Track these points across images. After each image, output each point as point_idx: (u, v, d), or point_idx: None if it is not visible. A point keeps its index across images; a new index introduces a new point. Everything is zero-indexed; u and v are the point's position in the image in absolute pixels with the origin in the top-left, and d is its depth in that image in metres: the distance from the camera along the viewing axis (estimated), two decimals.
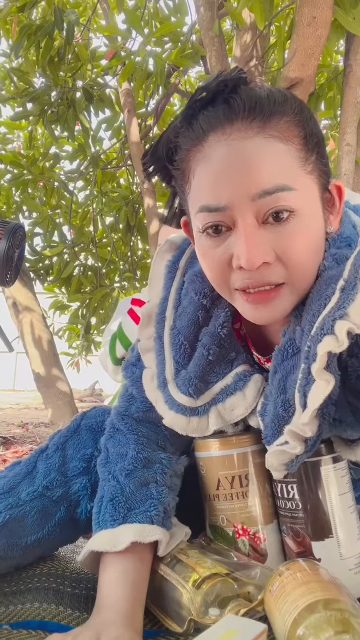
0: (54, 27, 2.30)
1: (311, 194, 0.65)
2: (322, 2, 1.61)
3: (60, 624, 0.69)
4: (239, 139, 0.62)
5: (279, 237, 0.62)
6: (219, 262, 0.66)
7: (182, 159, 0.68)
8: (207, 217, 0.64)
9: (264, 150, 0.62)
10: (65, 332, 3.66)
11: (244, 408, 0.75)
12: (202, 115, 0.65)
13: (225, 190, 0.62)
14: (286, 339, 0.70)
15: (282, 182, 0.61)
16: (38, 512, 0.81)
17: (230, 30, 3.15)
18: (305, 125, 0.65)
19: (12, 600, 0.75)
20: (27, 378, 3.45)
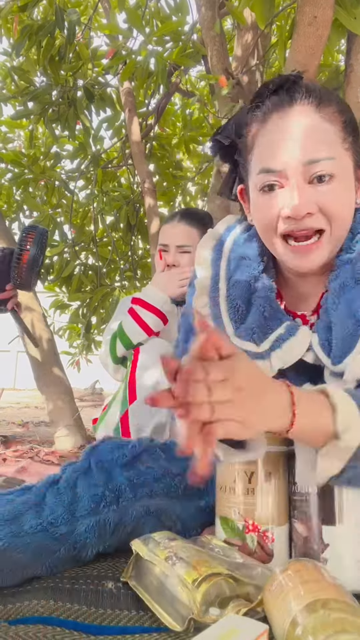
0: (55, 26, 2.30)
1: (347, 165, 0.84)
2: (323, 2, 1.61)
3: (60, 618, 0.69)
4: (296, 117, 0.83)
5: (322, 194, 0.81)
6: (270, 212, 0.84)
7: (249, 134, 0.89)
8: (265, 177, 0.84)
9: (315, 127, 0.82)
10: (65, 331, 3.66)
11: (299, 349, 0.89)
12: (268, 100, 0.86)
13: (282, 157, 0.82)
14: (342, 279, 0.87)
15: (327, 152, 0.81)
16: (38, 547, 0.80)
17: (231, 30, 3.15)
18: (345, 114, 0.86)
19: (11, 599, 0.75)
20: (28, 377, 3.46)
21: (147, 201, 2.63)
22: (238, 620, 0.56)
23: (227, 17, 2.77)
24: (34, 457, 2.63)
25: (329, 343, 0.87)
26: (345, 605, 0.56)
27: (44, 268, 3.17)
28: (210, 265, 1.01)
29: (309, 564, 0.65)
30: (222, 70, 2.12)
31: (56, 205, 3.34)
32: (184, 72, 2.73)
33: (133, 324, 1.64)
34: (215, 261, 1.01)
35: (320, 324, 0.89)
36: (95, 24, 2.97)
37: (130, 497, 0.87)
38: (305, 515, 0.78)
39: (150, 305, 1.64)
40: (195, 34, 2.43)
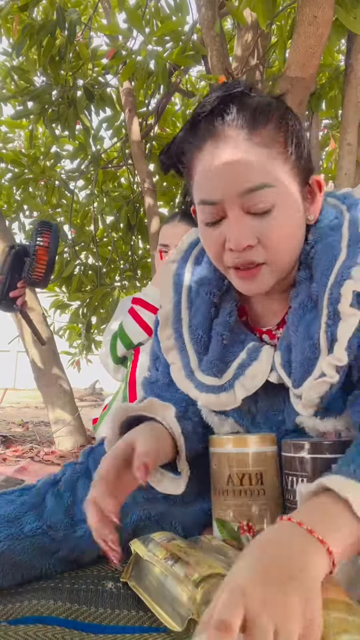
0: (56, 26, 2.30)
1: (290, 189, 0.79)
2: (324, 2, 1.61)
3: (60, 618, 0.69)
4: (229, 146, 0.77)
5: (261, 225, 0.78)
6: (215, 244, 0.82)
7: (188, 160, 0.84)
8: (205, 209, 0.81)
9: (249, 154, 0.76)
10: (65, 331, 3.66)
11: (262, 374, 0.87)
12: (203, 124, 0.80)
13: (218, 188, 0.78)
14: (302, 297, 0.85)
15: (264, 180, 0.76)
16: (38, 549, 0.81)
17: (231, 30, 3.15)
18: (285, 130, 0.79)
19: (10, 599, 0.75)
20: (28, 377, 3.45)
21: (147, 201, 2.63)
22: None
23: (227, 17, 2.77)
24: (34, 457, 2.63)
25: (290, 364, 0.84)
26: (344, 605, 0.56)
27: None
28: (172, 292, 0.97)
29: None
30: (222, 70, 2.12)
31: (56, 205, 3.35)
32: (184, 72, 2.72)
33: (133, 324, 1.64)
34: (177, 287, 0.97)
35: (282, 342, 0.87)
36: (95, 24, 2.97)
37: (129, 501, 0.87)
38: None
39: (151, 305, 1.64)
40: (195, 34, 2.43)
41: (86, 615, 0.70)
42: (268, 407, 0.91)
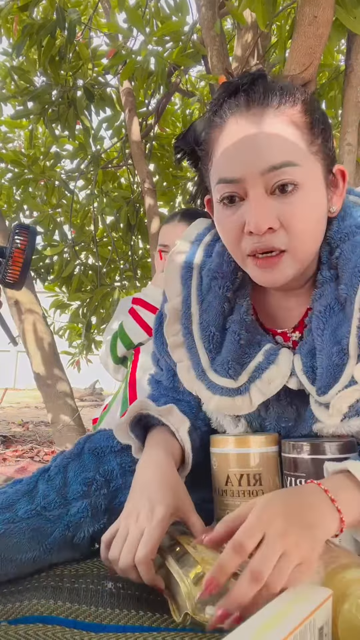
0: (56, 26, 2.30)
1: (315, 172, 0.75)
2: (324, 2, 1.61)
3: (60, 617, 0.69)
4: (253, 122, 0.73)
5: (284, 206, 0.72)
6: (233, 228, 0.76)
7: (207, 140, 0.80)
8: (224, 187, 0.75)
9: (274, 130, 0.73)
10: (65, 331, 3.66)
11: (280, 379, 0.82)
12: (226, 103, 0.77)
13: (239, 164, 0.73)
14: (328, 299, 0.80)
15: (288, 158, 0.72)
16: (34, 530, 0.82)
17: (231, 30, 3.15)
18: (312, 113, 0.76)
19: (10, 599, 0.75)
20: (28, 377, 3.45)
21: (147, 201, 2.63)
22: (305, 587, 0.58)
23: (227, 17, 2.77)
24: (33, 457, 2.63)
25: (314, 370, 0.80)
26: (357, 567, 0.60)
27: (44, 268, 3.17)
28: (180, 285, 0.91)
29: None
30: (222, 70, 2.12)
31: (56, 205, 3.34)
32: (184, 72, 2.73)
33: (134, 324, 1.64)
34: (186, 280, 0.91)
35: (304, 347, 0.82)
36: (95, 23, 2.98)
37: (121, 484, 0.88)
38: None
39: (151, 305, 1.64)
40: (195, 34, 2.43)
41: (86, 614, 0.70)
42: (279, 413, 0.87)
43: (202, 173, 0.86)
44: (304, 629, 0.50)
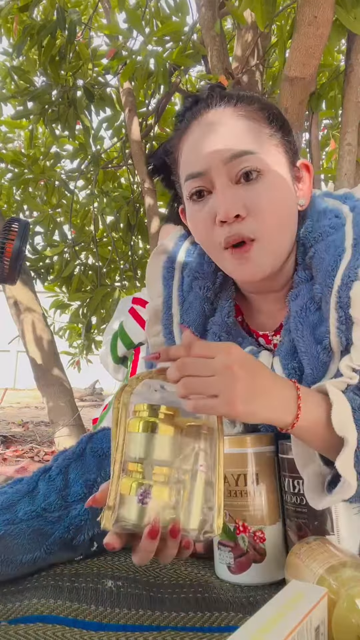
0: (56, 26, 2.30)
1: (277, 161, 0.78)
2: (323, 2, 1.61)
3: (59, 616, 0.69)
4: (213, 118, 0.78)
5: (250, 193, 0.75)
6: (204, 221, 0.78)
7: (174, 147, 0.84)
8: (191, 184, 0.78)
9: (234, 123, 0.77)
10: (65, 331, 3.66)
11: None
12: (188, 112, 0.82)
13: (203, 157, 0.76)
14: (303, 300, 0.80)
15: (249, 147, 0.75)
16: (34, 532, 0.81)
17: (231, 30, 3.15)
18: (269, 111, 0.80)
19: (10, 598, 0.75)
20: (28, 377, 3.45)
21: (147, 201, 2.63)
22: (301, 586, 0.59)
23: (227, 17, 2.77)
24: (33, 457, 2.63)
25: (298, 370, 0.80)
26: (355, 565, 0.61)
27: (43, 268, 3.17)
28: (162, 285, 0.92)
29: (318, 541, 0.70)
30: (222, 70, 2.12)
31: (56, 205, 3.34)
32: (184, 72, 2.72)
33: (134, 323, 1.64)
34: (167, 280, 0.92)
35: (282, 348, 0.83)
36: (95, 24, 2.98)
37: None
38: (296, 525, 0.79)
39: None
40: (195, 34, 2.43)
41: (86, 613, 0.70)
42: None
43: (175, 186, 0.89)
44: (301, 630, 0.50)
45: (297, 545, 0.71)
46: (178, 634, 0.65)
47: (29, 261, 3.05)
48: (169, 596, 0.76)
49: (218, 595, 0.76)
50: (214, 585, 0.80)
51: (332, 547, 0.67)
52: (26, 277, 2.72)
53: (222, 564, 0.81)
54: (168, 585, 0.79)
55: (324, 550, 0.65)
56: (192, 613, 0.71)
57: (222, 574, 0.81)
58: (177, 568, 0.85)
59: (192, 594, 0.76)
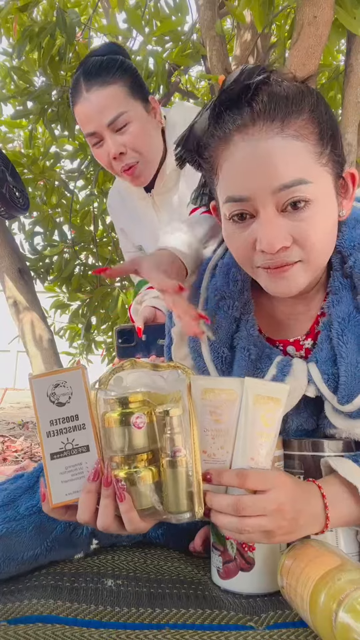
0: (56, 27, 2.30)
1: (326, 184, 0.74)
2: (323, 2, 1.61)
3: (59, 616, 0.69)
4: (260, 138, 0.71)
5: (297, 223, 0.71)
6: (243, 245, 0.75)
7: (211, 155, 0.78)
8: (233, 206, 0.74)
9: (283, 148, 0.70)
10: (65, 331, 3.65)
11: (299, 389, 0.81)
12: (228, 115, 0.73)
13: (249, 184, 0.71)
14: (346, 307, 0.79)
15: (300, 176, 0.70)
16: (35, 528, 0.82)
17: (231, 29, 3.15)
18: (320, 121, 0.73)
19: (10, 598, 0.75)
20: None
21: None
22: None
23: (227, 17, 2.77)
24: (33, 457, 2.63)
25: (335, 378, 0.79)
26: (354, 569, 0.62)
27: (43, 268, 3.17)
28: None
29: (314, 542, 0.70)
30: (222, 70, 2.12)
31: (56, 205, 3.34)
32: (183, 71, 2.72)
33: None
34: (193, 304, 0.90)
35: (321, 354, 0.81)
36: (95, 24, 2.97)
37: None
38: None
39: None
40: (195, 33, 2.43)
41: (86, 613, 0.70)
42: (298, 425, 0.87)
43: (207, 180, 0.85)
44: None
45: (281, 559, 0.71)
46: (178, 631, 0.65)
47: (28, 261, 3.04)
48: (170, 591, 0.76)
49: (218, 594, 0.76)
50: (215, 584, 0.80)
51: (330, 550, 0.67)
52: (26, 277, 2.71)
53: (214, 567, 0.80)
54: (169, 580, 0.80)
55: (321, 553, 0.66)
56: (192, 610, 0.71)
57: (213, 577, 0.81)
58: (177, 566, 0.86)
59: (193, 591, 0.76)
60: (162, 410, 0.65)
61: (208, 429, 0.69)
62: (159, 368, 0.69)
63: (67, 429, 0.66)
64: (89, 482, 0.65)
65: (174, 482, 0.64)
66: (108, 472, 0.65)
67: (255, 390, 0.69)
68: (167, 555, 0.90)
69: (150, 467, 0.66)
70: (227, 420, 0.69)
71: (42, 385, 0.66)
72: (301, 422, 0.86)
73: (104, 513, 0.65)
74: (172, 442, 0.65)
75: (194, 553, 0.91)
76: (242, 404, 0.68)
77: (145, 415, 0.66)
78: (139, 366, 0.69)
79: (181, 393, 0.66)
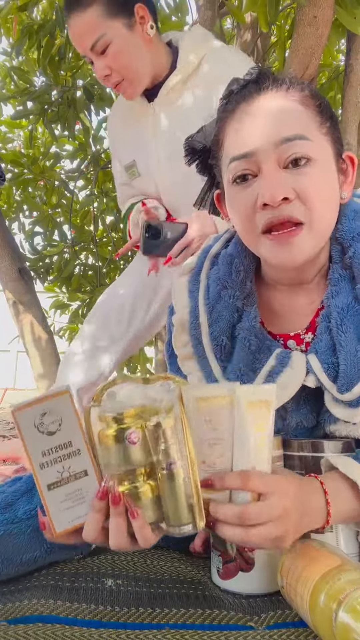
0: (55, 26, 2.30)
1: (326, 151, 0.76)
2: (323, 2, 1.61)
3: (59, 616, 0.69)
4: (264, 99, 0.76)
5: (298, 178, 0.72)
6: (245, 205, 0.76)
7: (219, 129, 0.81)
8: (236, 166, 0.75)
9: (286, 107, 0.74)
10: (65, 331, 3.65)
11: (296, 382, 0.81)
12: (236, 96, 0.79)
13: (250, 138, 0.74)
14: (345, 298, 0.79)
15: (301, 132, 0.73)
16: (34, 531, 0.81)
17: (231, 29, 3.15)
18: (319, 99, 0.78)
19: (10, 598, 0.75)
20: (28, 377, 3.45)
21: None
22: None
23: (227, 17, 2.77)
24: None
25: (335, 367, 0.79)
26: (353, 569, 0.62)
27: (43, 268, 3.17)
28: (187, 298, 0.92)
29: (314, 542, 0.70)
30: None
31: (56, 205, 3.34)
32: None
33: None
34: (193, 293, 0.92)
35: (320, 344, 0.81)
36: None
37: None
38: None
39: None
40: None
41: (86, 613, 0.70)
42: (298, 422, 0.87)
43: (213, 170, 0.87)
44: None
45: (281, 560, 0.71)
46: (178, 631, 0.65)
47: (28, 261, 3.04)
48: (170, 591, 0.76)
49: (218, 594, 0.76)
50: (215, 585, 0.80)
51: (330, 550, 0.67)
52: (26, 277, 2.71)
53: (214, 567, 0.80)
54: (169, 580, 0.80)
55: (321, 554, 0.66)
56: (192, 610, 0.71)
57: (213, 577, 0.81)
58: (177, 566, 0.86)
59: (193, 591, 0.76)
60: (154, 422, 0.64)
61: (205, 439, 0.68)
62: (150, 381, 0.68)
63: (61, 457, 0.63)
64: (97, 501, 0.62)
65: (172, 495, 0.63)
66: (114, 490, 0.62)
67: (247, 397, 0.69)
68: (167, 555, 0.90)
69: (148, 481, 0.64)
70: (223, 428, 0.68)
71: (28, 417, 0.62)
72: (301, 418, 0.86)
73: (116, 532, 0.62)
74: (167, 454, 0.63)
75: (194, 553, 0.91)
76: (236, 411, 0.68)
77: (140, 429, 0.64)
78: (130, 380, 0.68)
79: (173, 403, 0.65)
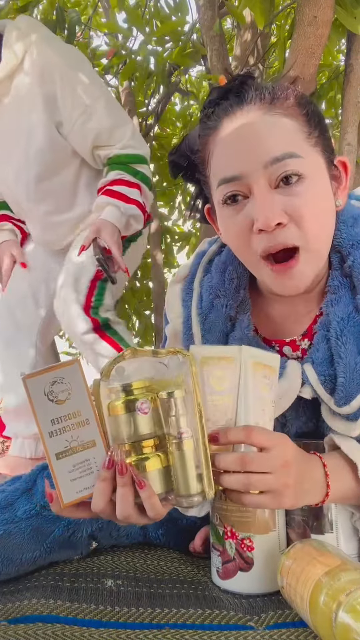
0: (55, 26, 2.30)
1: (317, 164, 0.74)
2: (323, 2, 1.61)
3: (59, 616, 0.69)
4: (249, 117, 0.72)
5: (290, 198, 0.70)
6: (240, 229, 0.74)
7: (202, 146, 0.78)
8: (225, 188, 0.73)
9: (272, 124, 0.72)
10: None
11: (291, 392, 0.79)
12: (218, 106, 0.76)
13: (239, 160, 0.71)
14: (345, 307, 0.78)
15: (290, 149, 0.70)
16: (33, 531, 0.82)
17: (231, 29, 3.15)
18: (306, 106, 0.75)
19: (10, 598, 0.75)
20: None
21: None
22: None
23: (227, 17, 2.77)
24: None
25: (332, 379, 0.77)
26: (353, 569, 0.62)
27: None
28: (181, 307, 0.91)
29: (314, 542, 0.70)
30: (222, 70, 2.12)
31: None
32: (183, 72, 2.72)
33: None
34: (186, 302, 0.90)
35: (317, 354, 0.79)
36: (95, 23, 2.97)
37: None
38: (295, 522, 0.79)
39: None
40: (195, 33, 2.43)
41: (86, 613, 0.70)
42: (297, 429, 0.86)
43: (200, 183, 0.84)
44: None
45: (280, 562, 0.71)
46: (178, 631, 0.65)
47: None
48: (170, 591, 0.76)
49: (218, 594, 0.76)
50: (214, 585, 0.80)
51: (331, 550, 0.67)
52: None
53: (213, 567, 0.80)
54: (169, 580, 0.80)
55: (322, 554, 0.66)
56: (192, 610, 0.71)
57: (213, 577, 0.81)
58: (177, 566, 0.86)
59: (193, 591, 0.77)
60: (165, 393, 0.64)
61: (210, 396, 0.68)
62: (159, 354, 0.68)
63: (70, 426, 0.64)
64: (104, 470, 0.63)
65: (182, 464, 0.63)
66: (121, 460, 0.63)
67: (253, 357, 0.69)
68: (167, 555, 0.90)
69: (157, 452, 0.65)
70: (228, 387, 0.68)
71: (39, 384, 0.63)
72: (300, 425, 0.85)
73: (123, 502, 0.62)
74: (178, 424, 0.64)
75: (194, 553, 0.91)
76: (241, 370, 0.68)
77: (150, 400, 0.65)
78: (140, 354, 0.68)
79: (183, 376, 0.66)
